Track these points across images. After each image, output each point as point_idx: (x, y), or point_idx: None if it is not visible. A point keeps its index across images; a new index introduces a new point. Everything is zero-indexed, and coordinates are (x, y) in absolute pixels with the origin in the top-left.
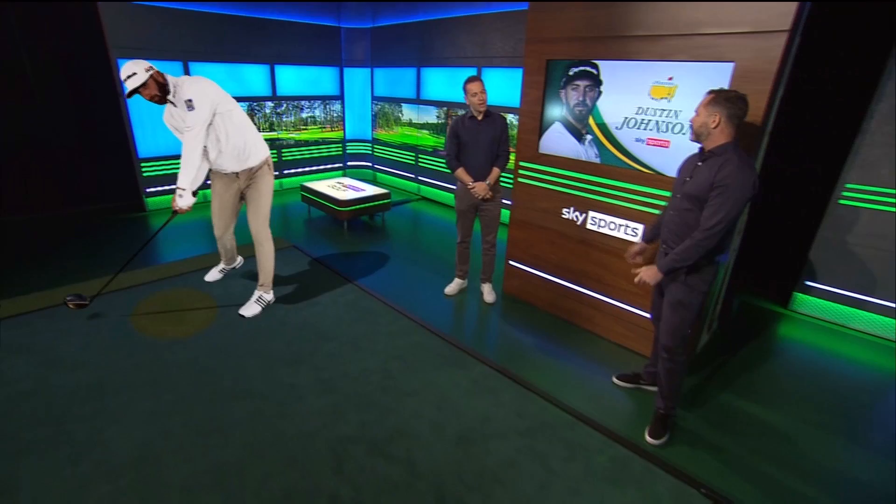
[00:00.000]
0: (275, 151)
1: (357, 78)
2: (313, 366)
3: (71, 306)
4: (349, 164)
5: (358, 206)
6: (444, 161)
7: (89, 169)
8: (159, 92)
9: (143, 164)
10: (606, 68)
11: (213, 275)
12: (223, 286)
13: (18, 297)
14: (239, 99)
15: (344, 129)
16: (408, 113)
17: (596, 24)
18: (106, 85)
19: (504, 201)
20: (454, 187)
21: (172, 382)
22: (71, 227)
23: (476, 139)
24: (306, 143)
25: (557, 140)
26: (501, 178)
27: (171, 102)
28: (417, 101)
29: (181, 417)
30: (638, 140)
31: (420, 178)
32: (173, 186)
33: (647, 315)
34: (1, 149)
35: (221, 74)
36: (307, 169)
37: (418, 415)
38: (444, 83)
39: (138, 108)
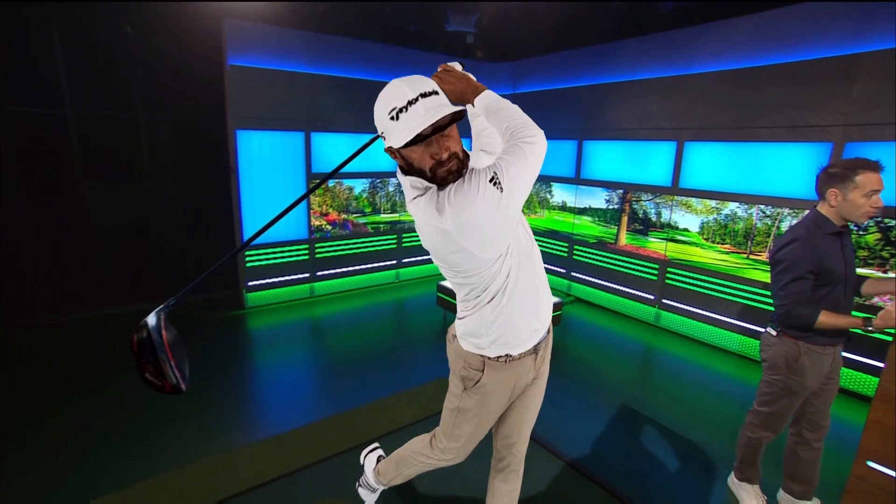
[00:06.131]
0: (395, 236)
1: None
2: None
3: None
4: None
5: None
6: (607, 256)
7: (188, 254)
8: (461, 150)
9: (247, 253)
10: None
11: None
12: None
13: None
14: (362, 175)
15: None
16: (560, 194)
17: None
18: (217, 157)
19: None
20: (620, 287)
21: None
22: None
23: (845, 265)
24: None
25: None
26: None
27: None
28: (577, 180)
29: None
30: None
31: (573, 273)
32: (277, 279)
33: None
34: (106, 234)
35: (342, 145)
36: (424, 258)
37: None
38: (619, 160)
39: (250, 184)
